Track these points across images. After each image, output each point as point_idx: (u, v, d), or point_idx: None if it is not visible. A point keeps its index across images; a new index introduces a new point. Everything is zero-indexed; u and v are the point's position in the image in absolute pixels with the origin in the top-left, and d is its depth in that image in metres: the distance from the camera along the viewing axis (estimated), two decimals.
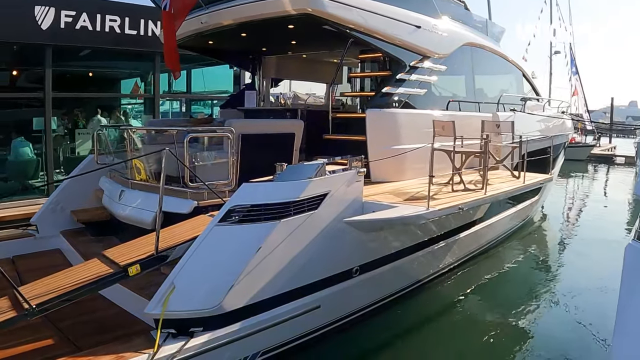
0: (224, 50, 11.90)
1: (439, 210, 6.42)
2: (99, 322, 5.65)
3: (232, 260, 5.27)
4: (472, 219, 9.29)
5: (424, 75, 9.21)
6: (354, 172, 6.37)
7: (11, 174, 12.44)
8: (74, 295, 4.74)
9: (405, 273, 7.89)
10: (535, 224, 14.14)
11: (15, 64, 12.69)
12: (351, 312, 6.81)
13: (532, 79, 15.39)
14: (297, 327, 5.93)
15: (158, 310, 4.85)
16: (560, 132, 14.42)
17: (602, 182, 26.14)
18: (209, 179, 6.46)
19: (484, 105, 11.22)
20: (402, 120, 8.59)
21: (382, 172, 8.27)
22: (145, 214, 6.56)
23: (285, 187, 5.71)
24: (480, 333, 7.29)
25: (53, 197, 8.67)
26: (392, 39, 8.70)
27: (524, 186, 8.76)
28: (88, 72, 14.86)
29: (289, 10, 7.70)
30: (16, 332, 4.97)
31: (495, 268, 10.01)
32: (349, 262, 6.51)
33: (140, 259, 5.17)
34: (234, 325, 5.19)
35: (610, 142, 39.28)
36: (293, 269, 5.68)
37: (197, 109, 18.15)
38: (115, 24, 12.63)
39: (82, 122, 14.34)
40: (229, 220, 5.35)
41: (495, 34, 13.37)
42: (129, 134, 8.01)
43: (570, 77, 38.96)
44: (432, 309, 8.02)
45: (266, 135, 7.72)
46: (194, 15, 8.90)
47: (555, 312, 8.09)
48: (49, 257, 7.93)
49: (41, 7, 11.42)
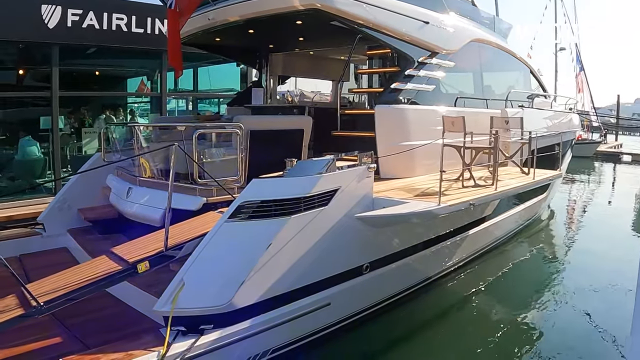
0: (231, 47, 11.89)
1: (450, 206, 6.37)
2: (108, 320, 5.61)
3: (242, 257, 5.23)
4: (482, 215, 9.22)
5: (433, 71, 9.15)
6: (365, 168, 6.32)
7: (18, 172, 12.44)
8: (82, 292, 4.72)
9: (416, 270, 7.84)
10: (543, 222, 14.06)
11: (23, 62, 12.67)
12: (361, 309, 6.77)
13: (539, 76, 15.32)
14: (307, 324, 5.89)
15: (167, 307, 4.82)
16: (568, 129, 14.34)
17: (608, 179, 26.04)
18: (218, 176, 6.41)
19: (492, 101, 11.15)
20: (411, 116, 8.53)
21: (391, 168, 8.22)
22: (153, 211, 6.51)
23: (296, 183, 5.67)
24: (490, 330, 7.24)
25: (60, 195, 8.63)
26: (400, 35, 8.65)
27: (533, 182, 8.70)
28: (95, 71, 14.84)
29: (297, 6, 7.66)
30: (24, 330, 4.92)
31: (504, 265, 9.96)
32: (359, 259, 6.47)
33: (149, 255, 5.14)
34: (244, 323, 5.16)
35: (616, 140, 39.11)
36: (303, 265, 5.64)
37: (203, 107, 18.10)
38: (122, 22, 12.62)
39: (89, 120, 14.33)
40: (238, 216, 5.30)
41: (503, 31, 13.31)
42: (137, 131, 7.96)
43: (576, 74, 38.80)
44: (442, 306, 7.97)
45: (275, 131, 7.67)
46: (200, 11, 8.87)
47: (565, 310, 8.01)
48: (56, 256, 7.89)
49: (48, 6, 11.42)
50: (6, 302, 4.65)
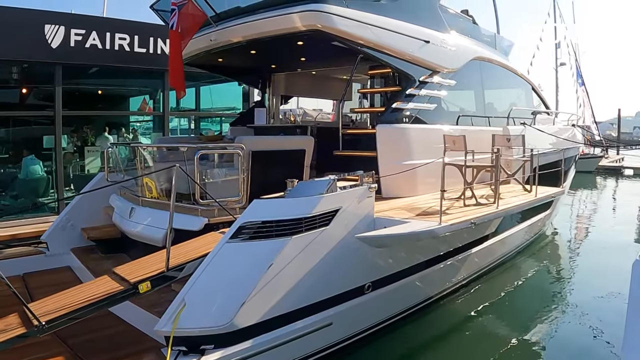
0: (234, 67, 11.96)
1: (451, 225, 6.38)
2: (109, 339, 5.62)
3: (243, 277, 5.22)
4: (484, 233, 9.21)
5: (434, 90, 9.20)
6: (366, 188, 6.33)
7: (22, 191, 12.46)
8: (84, 312, 4.73)
9: (418, 289, 7.82)
10: (547, 238, 14.02)
11: (26, 82, 12.74)
12: (363, 329, 6.74)
13: (541, 92, 15.38)
14: (308, 344, 5.87)
15: (169, 327, 4.81)
16: (571, 145, 14.35)
17: (611, 193, 26.00)
18: (220, 196, 6.45)
19: (494, 119, 11.19)
20: (413, 135, 8.57)
21: (393, 188, 8.24)
22: (155, 232, 6.54)
23: (297, 204, 5.68)
24: (493, 350, 7.21)
25: (63, 214, 8.67)
26: (401, 55, 8.71)
27: (535, 199, 8.70)
28: (97, 90, 14.92)
29: (299, 27, 7.74)
30: (26, 349, 4.94)
31: (508, 283, 9.92)
32: (360, 279, 6.45)
33: (150, 276, 5.15)
34: (246, 343, 5.15)
35: (618, 154, 39.09)
36: (305, 285, 5.63)
37: (205, 126, 18.16)
38: (124, 42, 12.69)
39: (92, 139, 14.39)
40: (240, 237, 5.31)
41: (504, 48, 13.39)
42: (139, 151, 8.01)
43: (576, 89, 38.90)
44: (445, 325, 7.93)
45: (276, 152, 7.69)
46: (203, 32, 8.95)
47: (569, 328, 7.96)
48: (59, 275, 7.92)
49: (51, 26, 11.50)
50: (8, 320, 4.66)
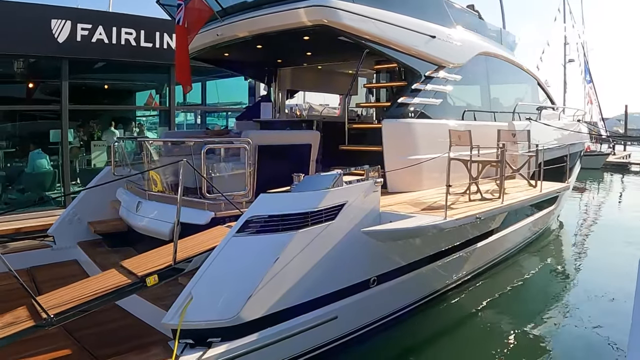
0: (240, 62, 11.96)
1: (456, 220, 6.39)
2: (116, 332, 5.67)
3: (249, 270, 5.26)
4: (490, 228, 9.21)
5: (440, 85, 9.19)
6: (372, 182, 6.35)
7: (28, 185, 12.53)
8: (91, 305, 4.76)
9: (423, 283, 7.83)
10: (552, 234, 14.00)
11: (32, 76, 12.79)
12: (368, 322, 6.76)
13: (547, 87, 15.32)
14: (314, 338, 5.90)
15: (175, 320, 4.86)
16: (576, 141, 14.32)
17: (618, 190, 25.91)
18: (226, 190, 6.47)
19: (500, 114, 11.17)
20: (419, 130, 8.57)
21: (399, 183, 8.25)
22: (162, 225, 6.56)
23: (303, 198, 5.70)
24: (498, 344, 7.23)
25: (70, 208, 8.73)
26: (407, 49, 8.70)
27: (540, 195, 8.69)
28: (104, 85, 14.99)
29: (305, 22, 7.73)
30: (33, 342, 5.00)
31: (513, 278, 9.92)
32: (366, 273, 6.47)
33: (158, 269, 5.20)
34: (252, 336, 5.18)
35: (625, 150, 38.96)
36: (310, 279, 5.66)
37: (211, 121, 18.19)
38: (130, 37, 12.72)
39: (98, 133, 14.45)
40: (246, 230, 5.35)
41: (510, 43, 13.34)
42: (146, 145, 8.05)
43: (584, 85, 38.75)
44: (449, 319, 7.95)
45: (283, 146, 7.72)
46: (209, 27, 8.96)
47: (574, 323, 7.96)
48: (66, 268, 7.97)
49: (57, 21, 11.54)
50: (17, 313, 4.70)
